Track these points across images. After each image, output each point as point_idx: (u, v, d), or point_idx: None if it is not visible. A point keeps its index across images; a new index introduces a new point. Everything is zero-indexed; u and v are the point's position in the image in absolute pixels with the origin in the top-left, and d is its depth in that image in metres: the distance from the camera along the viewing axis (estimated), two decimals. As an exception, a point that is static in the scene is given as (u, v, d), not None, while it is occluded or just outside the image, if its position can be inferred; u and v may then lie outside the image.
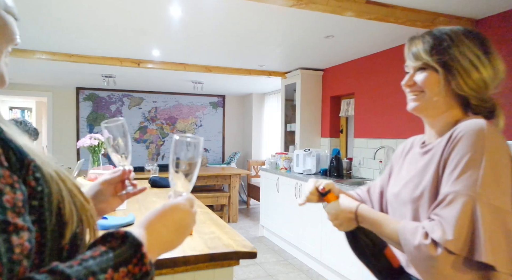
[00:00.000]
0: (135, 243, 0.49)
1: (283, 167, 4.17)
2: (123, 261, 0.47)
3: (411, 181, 0.90)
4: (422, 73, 0.89)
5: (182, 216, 0.63)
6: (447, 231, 0.73)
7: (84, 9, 2.43)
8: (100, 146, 2.94)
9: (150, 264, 0.49)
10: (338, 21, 2.63)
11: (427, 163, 0.88)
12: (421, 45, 0.89)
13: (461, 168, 0.77)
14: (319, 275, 3.32)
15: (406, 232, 0.79)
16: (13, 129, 0.50)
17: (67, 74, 4.86)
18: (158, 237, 0.58)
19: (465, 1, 2.24)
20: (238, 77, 4.88)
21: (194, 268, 1.24)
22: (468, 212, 0.74)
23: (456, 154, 0.79)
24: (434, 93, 0.88)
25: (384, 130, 3.41)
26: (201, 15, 2.55)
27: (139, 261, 0.48)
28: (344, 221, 0.93)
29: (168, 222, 0.61)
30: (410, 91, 0.94)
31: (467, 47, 0.85)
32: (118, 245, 0.48)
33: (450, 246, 0.72)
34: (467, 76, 0.84)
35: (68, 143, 5.96)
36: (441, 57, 0.85)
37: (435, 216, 0.77)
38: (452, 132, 0.83)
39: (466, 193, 0.75)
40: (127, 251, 0.48)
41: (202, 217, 1.82)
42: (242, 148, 7.13)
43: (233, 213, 5.27)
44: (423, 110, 0.92)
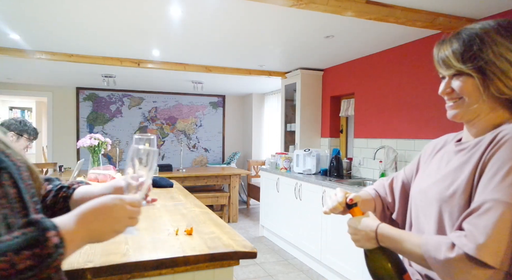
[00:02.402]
0: (43, 229, 0.55)
1: (283, 167, 4.17)
2: (27, 245, 0.52)
3: (443, 180, 0.84)
4: (459, 79, 0.83)
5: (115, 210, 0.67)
6: (480, 241, 0.66)
7: (84, 9, 2.43)
8: (100, 146, 2.94)
9: (54, 247, 0.55)
10: (338, 21, 2.63)
11: (464, 162, 0.82)
12: (450, 51, 0.83)
13: (503, 175, 0.70)
14: (319, 275, 3.32)
15: (430, 247, 0.74)
16: None
17: (67, 74, 4.86)
18: (86, 226, 0.63)
19: (465, 1, 2.24)
20: (238, 77, 4.88)
21: (194, 268, 1.24)
22: (508, 222, 0.67)
23: (497, 159, 0.72)
24: (473, 99, 0.81)
25: (384, 130, 3.41)
26: (201, 15, 2.55)
27: (43, 244, 0.54)
28: (362, 238, 0.88)
29: (100, 215, 0.65)
30: (448, 99, 0.87)
31: (502, 46, 0.78)
32: (30, 230, 0.54)
33: (486, 258, 0.65)
34: (507, 78, 0.77)
35: (68, 143, 5.96)
36: (474, 63, 0.79)
37: (468, 225, 0.70)
38: (496, 135, 0.77)
39: (507, 201, 0.68)
40: (33, 236, 0.53)
41: (202, 217, 1.82)
42: (242, 148, 7.14)
43: (233, 213, 5.27)
44: (464, 117, 0.85)
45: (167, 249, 1.29)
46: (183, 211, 1.96)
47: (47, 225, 0.56)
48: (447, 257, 0.69)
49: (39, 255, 0.53)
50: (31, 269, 0.52)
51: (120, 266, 1.13)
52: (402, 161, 3.18)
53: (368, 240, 0.87)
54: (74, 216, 0.64)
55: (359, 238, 0.89)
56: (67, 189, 0.86)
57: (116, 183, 0.84)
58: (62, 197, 0.85)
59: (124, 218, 0.68)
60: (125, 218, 0.68)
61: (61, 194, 0.86)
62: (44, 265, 0.53)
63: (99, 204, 0.67)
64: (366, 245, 0.88)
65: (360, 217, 0.90)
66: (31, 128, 2.25)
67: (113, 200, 0.68)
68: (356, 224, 0.89)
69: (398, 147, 3.23)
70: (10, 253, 0.50)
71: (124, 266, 1.14)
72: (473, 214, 0.71)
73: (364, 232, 0.88)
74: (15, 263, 0.50)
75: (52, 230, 0.56)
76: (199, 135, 6.77)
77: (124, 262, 1.14)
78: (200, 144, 6.77)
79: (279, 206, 4.08)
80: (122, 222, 0.68)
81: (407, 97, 3.14)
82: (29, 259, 0.52)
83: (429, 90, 2.89)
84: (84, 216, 0.64)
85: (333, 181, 3.34)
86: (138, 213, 0.71)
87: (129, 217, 0.69)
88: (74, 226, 0.62)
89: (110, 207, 0.67)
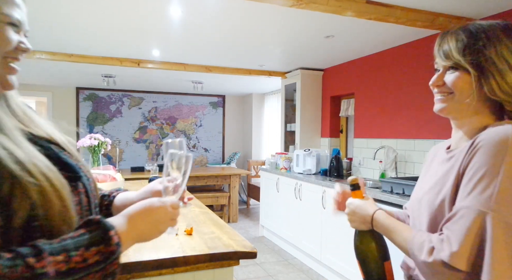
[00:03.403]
0: (105, 228, 0.60)
1: (283, 167, 4.17)
2: (94, 242, 0.58)
3: (433, 188, 0.86)
4: (453, 74, 0.82)
5: (160, 212, 0.73)
6: (454, 249, 0.71)
7: (84, 9, 2.43)
8: (100, 146, 2.94)
9: (116, 245, 0.60)
10: (338, 21, 2.63)
11: (448, 170, 0.83)
12: (454, 42, 0.81)
13: (476, 181, 0.72)
14: (319, 275, 3.32)
15: (414, 246, 0.78)
16: None
17: (67, 74, 4.86)
18: (135, 226, 0.69)
19: (465, 1, 2.24)
20: (238, 77, 4.88)
21: (194, 268, 1.24)
22: (478, 229, 0.70)
23: (473, 165, 0.74)
24: (464, 96, 0.80)
25: (384, 130, 3.41)
26: (201, 15, 2.55)
27: (107, 242, 0.59)
28: (359, 220, 0.93)
29: (147, 217, 0.71)
30: (438, 92, 0.86)
31: (505, 46, 0.77)
32: (94, 229, 0.60)
33: (458, 265, 0.70)
34: (502, 80, 0.76)
35: (68, 143, 5.95)
36: (475, 58, 0.77)
37: (446, 230, 0.75)
38: (474, 140, 0.77)
39: (478, 208, 0.70)
40: (98, 234, 0.59)
41: (202, 217, 1.82)
42: (242, 148, 7.14)
43: (233, 213, 5.27)
44: (450, 113, 0.85)
45: (167, 249, 1.29)
46: (183, 211, 1.96)
47: (108, 225, 0.61)
48: (425, 260, 0.74)
49: (104, 252, 0.58)
50: (98, 264, 0.57)
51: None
52: (402, 161, 3.18)
53: (363, 223, 0.92)
54: (124, 218, 0.69)
55: (355, 219, 0.93)
56: (108, 197, 0.91)
57: (153, 187, 0.89)
58: (104, 205, 0.90)
59: (167, 219, 0.74)
60: (167, 219, 0.74)
61: (103, 203, 0.91)
62: (109, 261, 0.59)
63: (145, 206, 0.72)
64: (361, 227, 0.92)
65: (358, 200, 0.94)
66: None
67: (157, 203, 0.73)
68: (355, 206, 0.93)
69: (398, 147, 3.23)
70: (82, 248, 0.56)
71: (124, 266, 1.14)
72: (451, 219, 0.75)
73: (360, 215, 0.92)
74: (86, 258, 0.56)
75: (113, 229, 0.61)
76: (199, 135, 6.77)
77: (124, 262, 1.14)
78: (200, 144, 6.77)
79: (279, 206, 4.08)
80: (166, 223, 0.74)
81: (407, 97, 3.14)
82: (96, 255, 0.57)
83: (429, 90, 2.88)
84: (133, 218, 0.70)
85: (333, 181, 3.34)
86: (178, 214, 0.77)
87: (171, 219, 0.75)
88: (126, 226, 0.67)
89: (155, 209, 0.72)
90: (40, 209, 0.56)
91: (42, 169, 0.58)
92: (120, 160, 6.20)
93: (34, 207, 0.55)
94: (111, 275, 0.59)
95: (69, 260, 0.54)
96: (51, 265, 0.51)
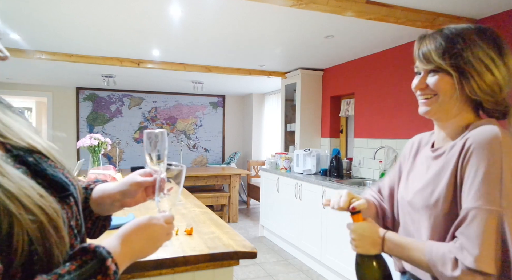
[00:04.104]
0: (101, 258, 0.60)
1: (283, 167, 4.17)
2: (92, 274, 0.58)
3: (426, 187, 0.87)
4: (435, 76, 0.85)
5: (155, 229, 0.73)
6: (476, 253, 0.70)
7: (84, 9, 2.43)
8: (100, 146, 2.94)
9: (114, 274, 0.60)
10: (338, 21, 2.63)
11: (441, 169, 0.85)
12: (433, 46, 0.85)
13: (479, 182, 0.74)
14: (319, 275, 3.32)
15: (436, 260, 0.76)
16: None
17: (67, 74, 4.86)
18: (131, 246, 0.69)
19: (465, 1, 2.24)
20: (238, 77, 4.88)
21: (194, 268, 1.24)
22: (494, 227, 0.71)
23: (472, 167, 0.76)
24: (447, 96, 0.84)
25: (384, 130, 3.41)
26: (201, 15, 2.55)
27: (104, 273, 0.59)
28: (368, 244, 0.88)
29: (141, 235, 0.71)
30: (421, 94, 0.90)
31: (480, 49, 0.82)
32: (89, 258, 0.59)
33: (485, 268, 0.69)
34: (481, 80, 0.81)
35: (68, 143, 5.96)
36: (455, 61, 0.82)
37: (461, 236, 0.74)
38: (464, 141, 0.80)
39: (489, 207, 0.71)
40: (94, 265, 0.59)
41: (202, 217, 1.82)
42: (242, 148, 7.14)
43: (233, 213, 5.27)
44: (436, 114, 0.89)
45: (167, 249, 1.29)
46: (183, 211, 1.96)
47: (104, 254, 0.61)
48: (453, 276, 0.72)
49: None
50: None
51: (120, 266, 1.13)
52: (402, 161, 3.17)
53: (373, 245, 0.88)
54: (118, 239, 0.69)
55: (364, 244, 0.89)
56: (85, 190, 0.88)
57: (132, 178, 0.85)
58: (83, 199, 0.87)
59: (163, 235, 0.75)
60: (163, 235, 0.75)
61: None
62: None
63: (139, 224, 0.72)
64: (370, 251, 0.88)
65: (364, 223, 0.90)
66: (31, 128, 2.25)
67: (151, 220, 0.74)
68: (362, 230, 0.89)
69: (398, 147, 3.23)
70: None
71: (124, 266, 1.14)
72: (463, 224, 0.75)
73: (370, 238, 0.88)
74: None
75: (109, 257, 0.61)
76: (199, 135, 6.77)
77: (124, 262, 1.14)
78: (200, 144, 6.78)
79: (279, 206, 4.08)
80: (162, 239, 0.75)
81: (407, 97, 3.14)
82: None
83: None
84: (127, 238, 0.69)
85: (333, 181, 3.34)
86: (172, 228, 0.78)
87: (167, 233, 0.76)
88: (120, 248, 0.67)
89: (150, 226, 0.73)
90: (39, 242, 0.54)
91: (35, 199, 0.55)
92: (120, 160, 6.21)
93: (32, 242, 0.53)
94: None
95: None
96: None
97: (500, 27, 2.43)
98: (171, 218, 0.79)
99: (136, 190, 0.84)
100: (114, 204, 0.84)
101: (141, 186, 0.84)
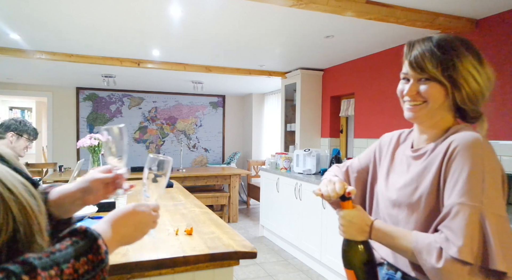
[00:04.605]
0: (93, 238, 0.62)
1: (283, 167, 4.17)
2: (83, 252, 0.59)
3: (408, 185, 0.92)
4: (426, 84, 0.88)
5: (143, 216, 0.77)
6: (460, 243, 0.75)
7: (84, 9, 2.43)
8: (100, 146, 2.93)
9: (105, 253, 0.62)
10: (338, 21, 2.63)
11: (424, 168, 0.90)
12: (427, 56, 0.87)
13: (464, 180, 0.79)
14: (319, 275, 3.32)
15: (422, 249, 0.80)
16: None
17: (67, 74, 4.86)
18: (120, 231, 0.72)
19: (465, 1, 2.24)
20: (238, 77, 4.88)
21: (194, 268, 1.24)
22: (476, 222, 0.76)
23: (456, 167, 0.82)
24: (437, 104, 0.89)
25: (384, 131, 3.39)
26: (201, 15, 2.55)
27: (96, 251, 0.61)
28: (354, 230, 0.92)
29: (129, 220, 0.75)
30: (410, 100, 0.92)
31: (467, 59, 0.86)
32: (81, 238, 0.61)
33: (466, 258, 0.74)
34: (469, 89, 0.86)
35: (68, 143, 5.96)
36: (448, 72, 0.86)
37: (445, 228, 0.79)
38: (449, 144, 0.85)
39: (471, 203, 0.77)
40: (86, 244, 0.60)
41: (202, 217, 1.82)
42: (242, 148, 7.13)
43: (233, 213, 5.27)
44: (423, 119, 0.92)
45: (167, 249, 1.29)
46: (183, 211, 1.96)
47: (95, 234, 0.63)
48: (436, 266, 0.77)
49: (94, 261, 0.60)
50: (88, 273, 0.59)
51: (120, 266, 1.13)
52: (402, 161, 3.17)
53: (361, 233, 0.91)
54: (107, 223, 0.71)
55: (351, 230, 0.92)
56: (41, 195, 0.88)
57: (92, 176, 0.87)
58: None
59: (150, 221, 0.78)
60: (150, 222, 0.79)
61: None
62: (99, 269, 0.60)
63: (128, 210, 0.76)
64: (357, 237, 0.92)
65: (354, 210, 0.94)
66: (31, 128, 2.25)
67: (139, 207, 0.78)
68: (351, 217, 0.93)
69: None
70: (72, 259, 0.57)
71: (124, 266, 1.14)
72: (447, 218, 0.80)
73: (358, 225, 0.92)
74: (77, 268, 0.57)
75: (100, 238, 0.63)
76: (199, 136, 6.77)
77: (124, 262, 1.14)
78: (200, 144, 6.78)
79: (279, 206, 4.08)
80: (148, 225, 0.78)
81: (407, 97, 3.14)
82: (86, 264, 0.59)
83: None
84: (116, 223, 0.72)
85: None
86: (158, 217, 0.82)
87: (153, 221, 0.80)
88: (110, 232, 0.69)
89: (138, 213, 0.77)
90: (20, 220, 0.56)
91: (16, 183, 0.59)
92: (120, 160, 6.20)
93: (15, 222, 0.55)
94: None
95: (61, 273, 0.54)
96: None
97: (500, 27, 2.43)
98: (157, 206, 0.82)
99: (97, 187, 0.86)
100: (75, 203, 0.85)
101: (101, 182, 0.87)
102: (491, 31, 2.48)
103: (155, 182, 0.86)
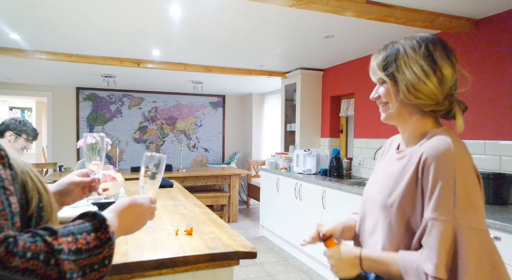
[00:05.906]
0: (101, 219, 0.69)
1: (283, 167, 4.17)
2: (93, 229, 0.66)
3: (385, 188, 0.93)
4: (382, 86, 0.95)
5: (143, 208, 0.85)
6: (435, 261, 0.77)
7: (84, 9, 2.43)
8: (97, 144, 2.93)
9: (112, 233, 0.68)
10: (338, 21, 2.63)
11: (400, 172, 0.91)
12: (378, 60, 0.94)
13: (436, 195, 0.80)
14: (319, 275, 3.32)
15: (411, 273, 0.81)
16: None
17: (67, 74, 4.86)
18: (123, 221, 0.79)
19: (465, 1, 2.24)
20: (238, 77, 4.88)
21: (194, 268, 1.24)
22: (448, 237, 0.77)
23: (429, 180, 0.82)
24: (394, 103, 0.93)
25: (384, 130, 3.41)
26: (201, 15, 2.55)
27: (104, 230, 0.67)
28: (346, 266, 0.91)
29: (132, 211, 0.82)
30: (378, 103, 0.99)
31: (412, 59, 0.88)
32: (90, 219, 0.68)
33: (441, 274, 0.76)
34: (413, 87, 0.87)
35: (68, 143, 5.96)
36: (389, 71, 0.91)
37: (424, 244, 0.81)
38: (421, 154, 0.85)
39: (443, 218, 0.78)
40: (96, 223, 0.67)
41: (202, 217, 1.82)
42: (242, 148, 7.13)
43: (233, 213, 5.27)
44: (392, 120, 0.96)
45: (167, 249, 1.29)
46: (183, 211, 1.96)
47: (103, 216, 0.69)
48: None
49: (102, 238, 0.66)
50: (97, 248, 0.65)
51: (120, 266, 1.13)
52: (402, 161, 3.17)
53: (352, 266, 0.91)
54: (112, 212, 0.78)
55: (343, 267, 0.92)
56: None
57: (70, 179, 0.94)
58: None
59: (148, 213, 0.86)
60: (149, 213, 0.86)
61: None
62: (107, 246, 0.67)
63: (129, 202, 0.82)
64: (351, 273, 0.91)
65: (337, 247, 0.94)
66: (30, 128, 2.24)
67: (139, 199, 0.85)
68: (338, 254, 0.93)
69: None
70: (84, 233, 0.64)
71: (124, 266, 1.14)
72: (425, 233, 0.81)
73: (347, 260, 0.91)
74: (89, 241, 0.64)
75: (107, 220, 0.69)
76: (199, 135, 6.77)
77: (124, 262, 1.14)
78: (200, 144, 6.77)
79: (279, 206, 4.08)
80: (147, 217, 0.86)
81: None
82: (95, 240, 0.65)
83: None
84: (121, 212, 0.79)
85: (333, 181, 3.34)
86: (156, 209, 0.89)
87: (151, 212, 0.87)
88: (115, 220, 0.76)
89: (138, 205, 0.83)
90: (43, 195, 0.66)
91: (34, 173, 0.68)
92: (120, 160, 6.21)
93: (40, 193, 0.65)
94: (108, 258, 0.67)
95: (76, 241, 0.62)
96: (65, 243, 0.59)
97: (500, 27, 2.43)
98: (154, 199, 0.90)
99: (74, 189, 0.94)
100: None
101: (78, 185, 0.95)
102: (491, 31, 2.48)
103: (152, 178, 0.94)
